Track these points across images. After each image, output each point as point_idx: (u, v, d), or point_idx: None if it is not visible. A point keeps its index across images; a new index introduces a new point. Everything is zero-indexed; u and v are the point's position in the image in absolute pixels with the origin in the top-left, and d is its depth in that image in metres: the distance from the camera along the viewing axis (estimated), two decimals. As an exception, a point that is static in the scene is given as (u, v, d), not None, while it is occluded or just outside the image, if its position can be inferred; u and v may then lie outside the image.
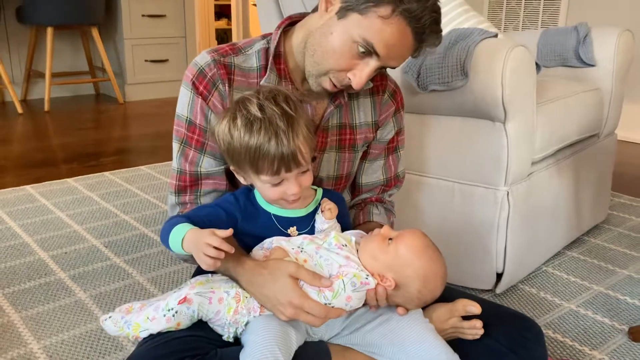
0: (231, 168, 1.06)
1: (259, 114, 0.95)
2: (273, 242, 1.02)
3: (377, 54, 1.01)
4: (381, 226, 1.17)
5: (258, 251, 1.03)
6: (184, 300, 0.94)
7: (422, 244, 1.01)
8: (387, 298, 1.00)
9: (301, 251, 0.99)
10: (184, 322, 0.97)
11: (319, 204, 1.09)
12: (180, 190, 1.14)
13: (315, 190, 1.12)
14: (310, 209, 1.09)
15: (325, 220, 1.06)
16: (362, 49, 1.01)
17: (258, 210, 1.06)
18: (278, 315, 0.96)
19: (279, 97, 0.98)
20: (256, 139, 0.94)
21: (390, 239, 1.01)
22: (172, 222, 1.00)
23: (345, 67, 1.04)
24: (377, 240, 1.01)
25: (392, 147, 1.31)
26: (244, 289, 0.99)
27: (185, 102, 1.11)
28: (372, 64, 1.03)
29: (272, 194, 1.01)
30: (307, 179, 1.02)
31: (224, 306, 0.96)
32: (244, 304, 0.97)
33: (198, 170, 1.12)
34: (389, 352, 1.02)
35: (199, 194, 1.14)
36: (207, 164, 1.12)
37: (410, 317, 1.03)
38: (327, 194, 1.13)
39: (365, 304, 1.03)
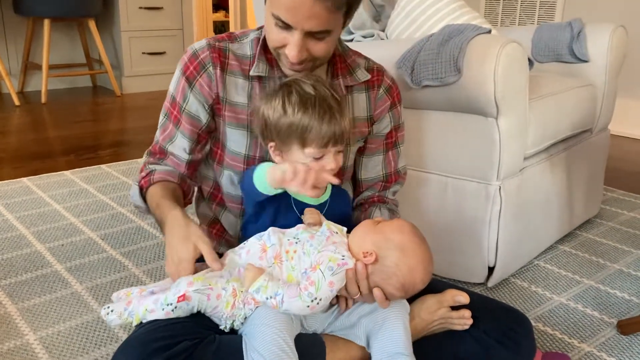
0: (270, 145, 1.11)
1: (313, 92, 1.05)
2: (270, 234, 1.04)
3: (289, 25, 1.03)
4: None
5: (255, 243, 1.04)
6: (183, 298, 0.97)
7: (409, 229, 1.03)
8: (368, 277, 1.00)
9: (296, 242, 1.02)
10: (182, 315, 1.00)
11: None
12: (150, 153, 1.27)
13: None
14: (322, 199, 1.14)
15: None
16: (279, 24, 1.04)
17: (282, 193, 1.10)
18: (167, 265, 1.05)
19: (326, 83, 1.09)
20: (310, 114, 1.03)
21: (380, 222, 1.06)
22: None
23: (281, 44, 1.08)
24: (368, 222, 1.06)
25: (392, 143, 1.32)
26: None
27: (174, 80, 1.22)
28: (295, 35, 1.04)
29: (311, 165, 1.07)
30: (341, 158, 1.10)
31: (222, 302, 0.99)
32: (240, 299, 0.99)
33: (166, 147, 1.24)
34: (364, 329, 1.06)
35: (160, 162, 1.25)
36: (179, 144, 1.21)
37: (393, 304, 1.05)
38: (335, 189, 1.17)
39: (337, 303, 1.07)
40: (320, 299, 0.96)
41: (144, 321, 1.00)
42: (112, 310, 1.01)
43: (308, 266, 0.99)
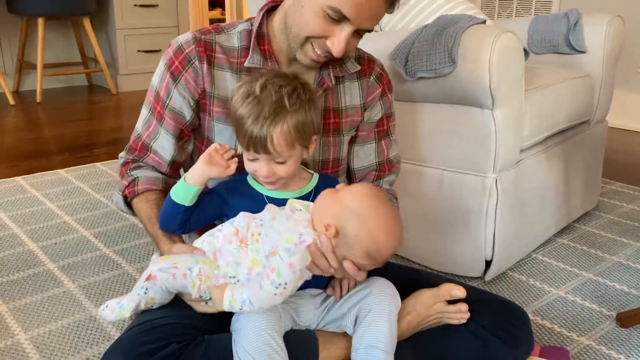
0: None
1: (257, 91, 0.98)
2: (241, 218, 1.02)
3: (347, 19, 1.01)
4: None
5: (229, 226, 1.02)
6: (149, 277, 0.99)
7: (365, 193, 0.97)
8: (334, 250, 0.95)
9: (261, 224, 1.00)
10: (158, 297, 1.00)
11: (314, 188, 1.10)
12: (130, 150, 1.23)
13: (312, 174, 1.13)
14: (305, 191, 1.09)
15: None
16: (332, 16, 1.01)
17: (250, 191, 1.08)
18: None
19: (285, 88, 0.99)
20: (242, 110, 0.98)
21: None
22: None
23: (323, 34, 1.05)
24: (327, 192, 0.99)
25: (383, 131, 1.30)
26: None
27: (157, 74, 1.17)
28: (346, 28, 1.03)
29: (247, 166, 1.04)
30: (283, 170, 1.02)
31: (188, 282, 0.99)
32: (205, 284, 0.98)
33: (150, 144, 1.20)
34: (353, 318, 1.04)
35: (140, 161, 1.22)
36: (162, 143, 1.18)
37: (382, 297, 1.03)
38: (322, 178, 1.13)
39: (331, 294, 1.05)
40: (285, 283, 0.93)
41: (131, 313, 1.01)
42: (107, 306, 1.02)
43: (269, 250, 0.96)
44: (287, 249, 0.93)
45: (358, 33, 1.06)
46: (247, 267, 0.97)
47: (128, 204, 1.21)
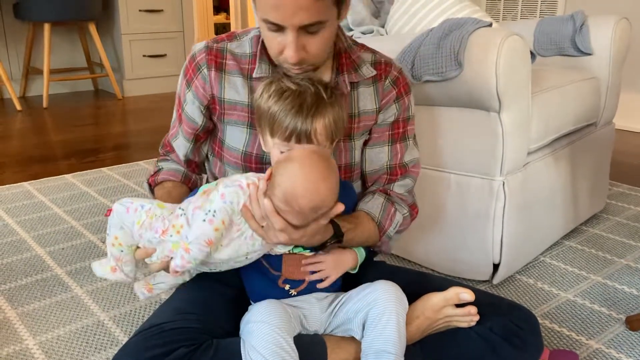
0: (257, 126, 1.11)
1: (292, 87, 1.02)
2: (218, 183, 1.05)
3: (279, 25, 1.00)
4: (366, 214, 1.18)
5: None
6: (109, 212, 1.06)
7: (312, 149, 0.99)
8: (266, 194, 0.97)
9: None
10: (120, 235, 1.05)
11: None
12: (162, 145, 1.34)
13: None
14: None
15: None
16: (270, 28, 1.02)
17: None
18: None
19: (318, 84, 1.03)
20: (280, 105, 1.00)
21: None
22: None
23: (280, 49, 1.05)
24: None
25: (398, 134, 1.26)
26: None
27: (179, 80, 1.24)
28: (288, 34, 1.01)
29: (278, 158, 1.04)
30: None
31: (136, 216, 1.02)
32: (151, 220, 1.01)
33: (172, 143, 1.30)
34: (361, 323, 1.04)
35: (167, 156, 1.32)
36: (179, 144, 1.27)
37: (389, 300, 1.03)
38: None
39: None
40: (214, 211, 0.95)
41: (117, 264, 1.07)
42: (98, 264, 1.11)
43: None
44: (224, 183, 0.99)
45: (308, 32, 1.01)
46: (195, 206, 1.00)
47: (152, 190, 1.32)
